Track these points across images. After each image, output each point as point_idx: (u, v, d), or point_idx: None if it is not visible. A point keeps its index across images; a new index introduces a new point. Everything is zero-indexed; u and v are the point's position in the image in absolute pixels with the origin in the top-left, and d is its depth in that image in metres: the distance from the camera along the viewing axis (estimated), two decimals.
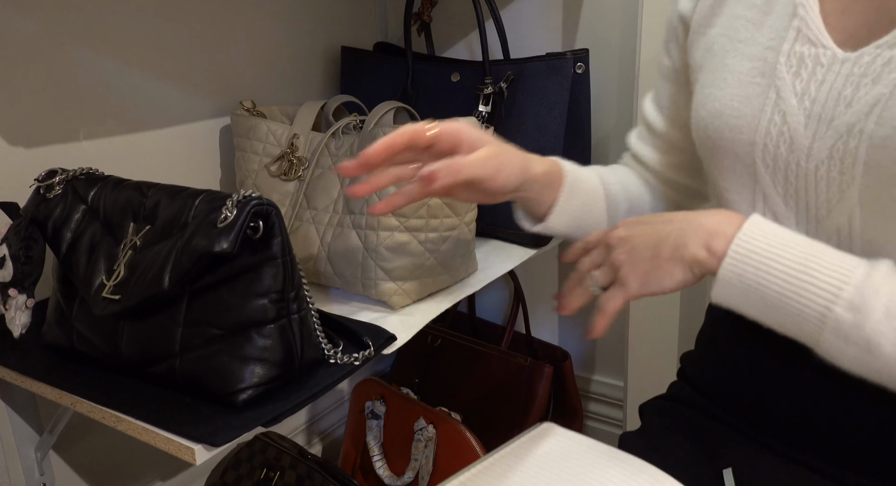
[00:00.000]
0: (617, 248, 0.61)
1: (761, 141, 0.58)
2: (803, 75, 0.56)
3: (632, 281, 0.59)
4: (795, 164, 0.56)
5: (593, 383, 1.58)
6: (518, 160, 0.67)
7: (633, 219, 0.64)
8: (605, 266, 0.62)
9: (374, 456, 1.34)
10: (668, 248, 0.58)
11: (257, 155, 1.11)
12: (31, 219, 0.84)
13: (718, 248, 0.55)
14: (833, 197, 0.55)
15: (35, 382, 0.82)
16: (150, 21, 1.08)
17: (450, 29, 1.45)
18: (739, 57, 0.60)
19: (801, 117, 0.56)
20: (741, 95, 0.59)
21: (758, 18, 0.60)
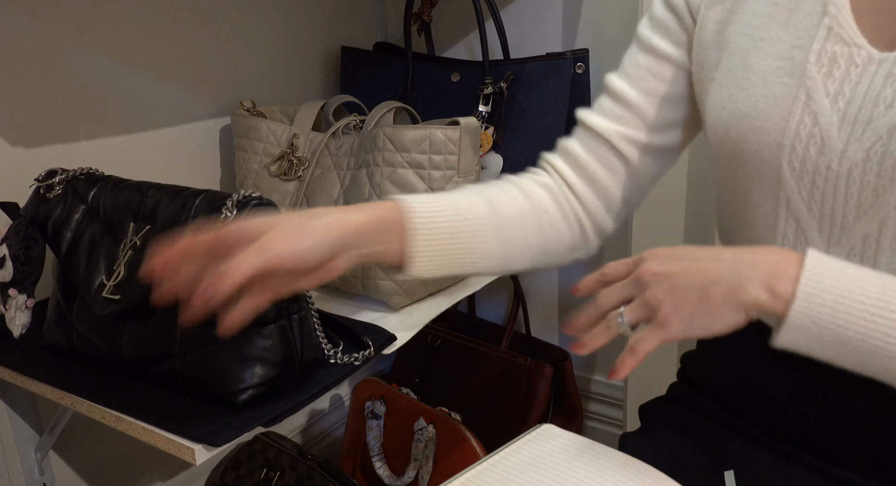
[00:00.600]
0: (653, 285, 0.55)
1: (789, 143, 0.56)
2: (836, 75, 0.54)
3: (675, 323, 0.54)
4: (826, 167, 0.55)
5: (593, 383, 1.58)
6: (324, 221, 0.59)
7: (665, 251, 0.57)
8: (635, 304, 0.56)
9: (374, 456, 1.34)
10: (722, 289, 0.52)
11: (257, 155, 1.11)
12: (31, 219, 0.84)
13: (784, 290, 0.50)
14: (865, 202, 0.54)
15: (35, 382, 0.82)
16: (150, 21, 1.08)
17: (450, 29, 1.45)
18: (763, 56, 0.58)
19: (835, 119, 0.54)
20: (767, 96, 0.57)
21: (782, 16, 0.58)
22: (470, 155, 0.97)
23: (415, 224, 0.63)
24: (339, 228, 0.60)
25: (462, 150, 0.96)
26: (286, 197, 1.08)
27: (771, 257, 0.52)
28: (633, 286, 0.57)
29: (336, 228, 0.60)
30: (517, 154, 1.17)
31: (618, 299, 0.58)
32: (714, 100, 0.62)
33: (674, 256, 0.56)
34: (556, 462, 0.61)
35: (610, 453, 0.62)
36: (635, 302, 0.56)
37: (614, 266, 0.61)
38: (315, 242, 0.58)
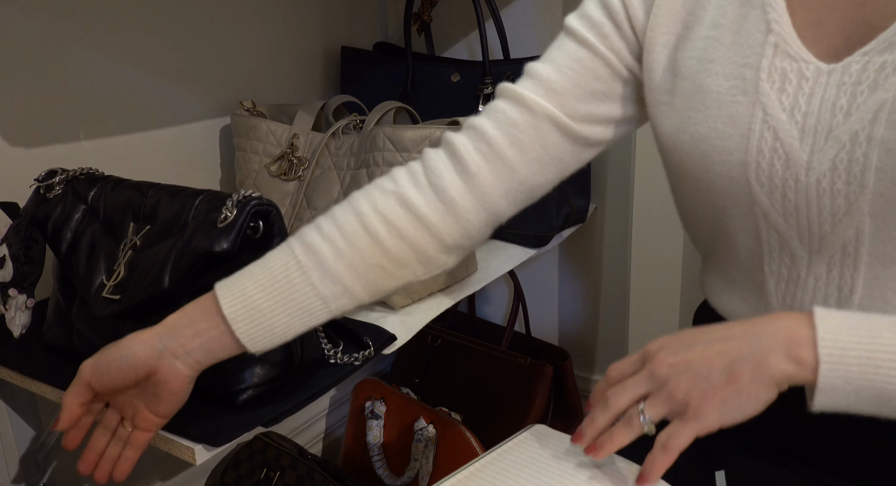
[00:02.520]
0: (672, 377, 0.53)
1: (753, 161, 0.56)
2: (789, 90, 0.55)
3: (710, 412, 0.52)
4: (794, 179, 0.55)
5: (593, 383, 1.58)
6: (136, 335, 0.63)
7: (671, 340, 0.56)
8: (656, 399, 0.54)
9: (374, 456, 1.34)
10: (747, 368, 0.51)
11: (257, 155, 1.11)
12: (31, 219, 0.84)
13: (807, 356, 0.50)
14: (838, 210, 0.54)
15: (35, 382, 0.82)
16: (150, 21, 1.08)
17: (450, 29, 1.45)
18: (714, 77, 0.58)
19: (795, 132, 0.54)
20: (724, 116, 0.57)
21: (726, 37, 0.58)
22: None
23: (227, 305, 0.61)
24: (147, 335, 0.62)
25: None
26: (286, 197, 1.08)
27: (783, 324, 0.52)
28: (649, 382, 0.55)
29: (143, 336, 0.62)
30: None
31: (631, 398, 0.56)
32: (672, 124, 0.61)
33: (683, 343, 0.55)
34: (548, 463, 0.62)
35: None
36: (655, 397, 0.54)
37: (618, 367, 0.59)
38: (120, 353, 0.62)
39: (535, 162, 0.65)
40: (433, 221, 0.64)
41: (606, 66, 0.64)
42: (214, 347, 0.62)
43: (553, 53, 0.66)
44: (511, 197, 0.66)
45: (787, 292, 0.59)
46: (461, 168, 0.64)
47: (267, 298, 0.62)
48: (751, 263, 0.61)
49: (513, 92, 0.65)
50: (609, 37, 0.64)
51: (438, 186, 0.64)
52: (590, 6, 0.65)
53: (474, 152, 0.64)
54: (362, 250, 0.63)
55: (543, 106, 0.64)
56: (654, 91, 0.62)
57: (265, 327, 0.62)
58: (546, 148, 0.65)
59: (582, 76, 0.64)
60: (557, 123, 0.64)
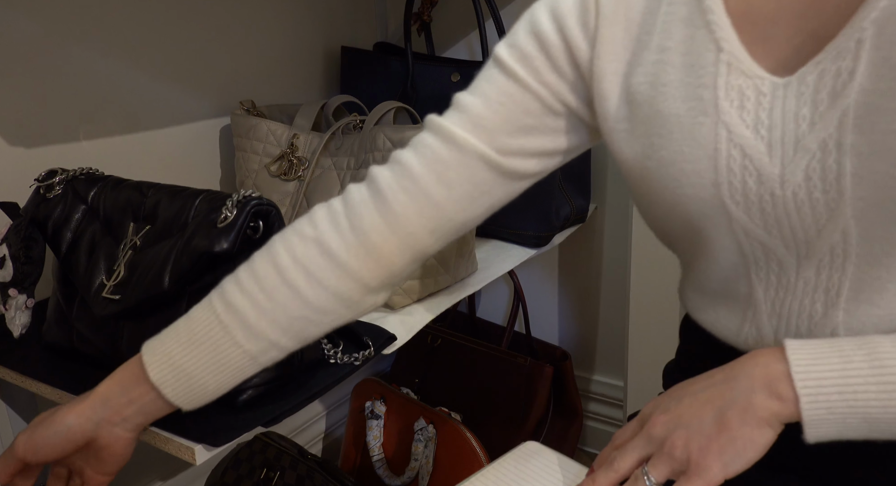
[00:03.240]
0: (666, 434, 0.54)
1: (725, 180, 0.55)
2: (748, 107, 0.54)
3: (710, 465, 0.52)
4: (769, 194, 0.54)
5: (593, 383, 1.58)
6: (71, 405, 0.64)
7: (661, 398, 0.57)
8: (657, 460, 0.54)
9: (374, 456, 1.34)
10: (735, 414, 0.52)
11: (257, 155, 1.11)
12: (31, 219, 0.84)
13: (786, 391, 0.51)
14: (821, 217, 0.53)
15: (35, 382, 0.82)
16: (150, 21, 1.08)
17: (450, 29, 1.45)
18: (671, 100, 0.56)
19: (762, 146, 0.53)
20: (688, 139, 0.55)
21: (675, 59, 0.56)
22: None
23: (154, 371, 0.62)
24: (81, 407, 0.63)
25: None
26: (286, 197, 1.08)
27: (758, 362, 0.53)
28: (647, 443, 0.55)
29: (76, 409, 0.63)
30: None
31: (634, 461, 0.56)
32: (635, 151, 0.60)
33: (672, 398, 0.56)
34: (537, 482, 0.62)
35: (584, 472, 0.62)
36: (657, 458, 0.54)
37: (621, 433, 0.59)
38: (55, 429, 0.63)
39: (463, 198, 0.63)
40: (355, 267, 0.62)
41: (537, 100, 0.62)
42: (150, 410, 0.64)
43: (482, 85, 0.63)
44: (438, 234, 0.64)
45: (776, 298, 0.59)
46: (384, 208, 0.62)
47: (193, 360, 0.62)
48: (737, 275, 0.60)
49: (440, 127, 0.63)
50: (540, 71, 0.61)
51: (360, 229, 0.62)
52: (521, 35, 0.62)
53: (399, 191, 0.62)
54: (284, 305, 0.62)
55: (471, 143, 0.61)
56: (611, 120, 0.61)
57: (195, 388, 0.63)
58: (475, 184, 0.62)
59: (512, 112, 0.62)
60: (486, 159, 0.62)
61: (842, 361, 0.50)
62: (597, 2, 0.59)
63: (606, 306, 1.52)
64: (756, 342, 0.61)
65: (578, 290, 1.54)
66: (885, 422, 0.50)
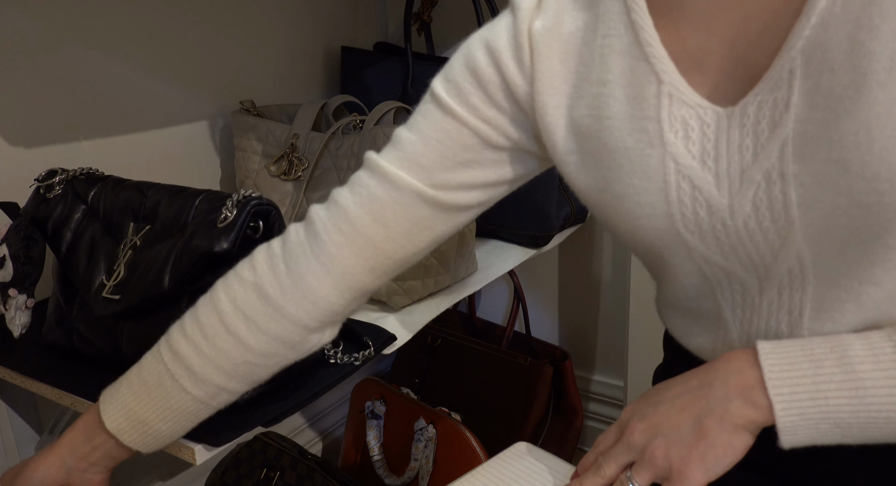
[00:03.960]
0: (645, 442, 0.55)
1: (677, 211, 0.55)
2: (693, 137, 0.53)
3: (692, 471, 0.53)
4: (721, 224, 0.54)
5: (593, 383, 1.58)
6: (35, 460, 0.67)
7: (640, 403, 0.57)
8: (639, 467, 0.55)
9: (374, 456, 1.34)
10: (713, 421, 0.52)
11: (257, 155, 1.11)
12: (31, 219, 0.84)
13: (759, 398, 0.51)
14: (774, 243, 0.53)
15: (35, 382, 0.82)
16: (150, 21, 1.08)
17: (450, 29, 1.45)
18: (617, 133, 0.56)
19: (710, 177, 0.53)
20: (638, 171, 0.55)
21: (617, 92, 0.56)
22: None
23: (109, 420, 0.65)
24: (49, 459, 0.66)
25: None
26: (286, 197, 1.08)
27: (732, 368, 0.53)
28: (628, 450, 0.56)
29: (45, 461, 0.66)
30: None
31: (619, 466, 0.57)
32: (588, 183, 0.59)
33: (649, 403, 0.57)
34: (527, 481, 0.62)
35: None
36: (639, 465, 0.55)
37: (603, 438, 0.60)
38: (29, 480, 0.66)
39: (401, 236, 0.62)
40: (292, 310, 0.62)
41: (475, 136, 0.60)
42: (115, 454, 0.66)
43: (419, 121, 0.62)
44: (378, 272, 0.63)
45: (743, 317, 0.59)
46: (319, 250, 0.61)
47: (147, 408, 0.64)
48: (702, 296, 0.61)
49: (377, 165, 0.61)
50: (477, 107, 0.60)
51: (295, 272, 0.62)
52: (456, 70, 0.61)
53: (334, 232, 0.61)
54: (227, 351, 0.63)
55: (407, 181, 0.60)
56: (560, 152, 0.59)
57: (152, 435, 0.65)
58: (413, 221, 0.62)
59: (450, 148, 0.60)
60: (424, 196, 0.61)
61: (813, 366, 0.51)
62: (530, 37, 0.58)
63: (606, 307, 1.52)
64: None
65: (578, 290, 1.54)
66: (857, 427, 0.50)
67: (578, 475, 0.60)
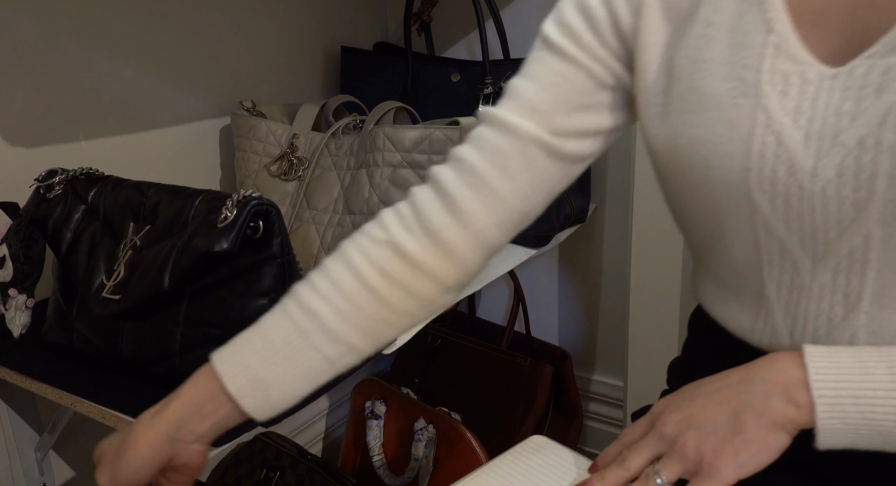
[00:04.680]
0: (679, 434, 0.53)
1: (755, 166, 0.53)
2: (792, 94, 0.52)
3: (725, 465, 0.51)
4: (798, 186, 0.52)
5: (593, 383, 1.58)
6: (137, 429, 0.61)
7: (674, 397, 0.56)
8: (669, 459, 0.53)
9: (374, 456, 1.34)
10: (751, 416, 0.51)
11: (257, 155, 1.11)
12: (31, 219, 0.84)
13: (802, 399, 0.50)
14: (845, 217, 0.52)
15: (35, 382, 0.82)
16: (150, 21, 1.09)
17: (450, 29, 1.45)
18: (711, 78, 0.55)
19: (799, 136, 0.52)
20: (724, 119, 0.54)
21: (721, 35, 0.55)
22: None
23: (231, 382, 0.60)
24: (153, 435, 0.61)
25: None
26: (286, 197, 1.08)
27: (776, 367, 0.52)
28: (658, 442, 0.55)
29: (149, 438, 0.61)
30: None
31: (646, 459, 0.55)
32: (667, 127, 0.58)
33: (684, 397, 0.55)
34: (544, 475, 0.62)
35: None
36: (668, 458, 0.54)
37: (630, 430, 0.58)
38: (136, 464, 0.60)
39: (526, 187, 0.62)
40: (432, 266, 0.62)
41: (590, 77, 0.61)
42: (224, 424, 0.62)
43: (533, 68, 0.62)
44: (505, 227, 0.64)
45: (790, 299, 0.58)
46: (452, 206, 0.61)
47: (270, 368, 0.60)
48: (748, 271, 0.59)
49: (496, 117, 0.62)
50: (590, 47, 0.60)
51: (430, 229, 0.61)
52: (567, 12, 0.61)
53: (463, 187, 0.61)
54: (363, 308, 0.61)
55: (529, 130, 0.61)
56: (647, 93, 0.60)
57: (273, 399, 0.61)
58: (535, 172, 0.62)
59: (566, 92, 0.61)
60: (545, 145, 0.61)
61: (861, 372, 0.50)
62: None
63: (606, 306, 1.52)
64: (770, 342, 0.60)
65: (578, 290, 1.54)
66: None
67: (597, 468, 0.58)
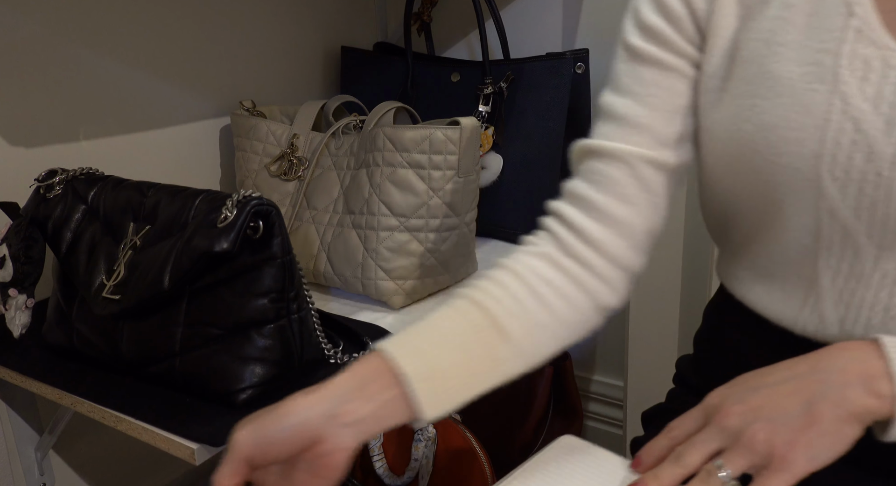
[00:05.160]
0: (745, 426, 0.50)
1: (829, 153, 0.52)
2: (872, 79, 0.51)
3: (797, 457, 0.48)
4: (875, 174, 0.51)
5: (593, 383, 1.58)
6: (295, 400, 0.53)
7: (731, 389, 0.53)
8: (734, 453, 0.50)
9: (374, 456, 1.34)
10: (826, 406, 0.49)
11: (257, 155, 1.11)
12: (31, 219, 0.84)
13: (884, 389, 0.48)
14: None
15: (35, 382, 0.82)
16: (150, 21, 1.08)
17: (450, 29, 1.45)
18: (785, 62, 0.53)
19: (880, 123, 0.50)
20: (797, 104, 0.52)
21: (799, 19, 0.53)
22: (470, 155, 0.97)
23: (407, 364, 0.55)
24: (312, 400, 0.53)
25: (462, 150, 0.96)
26: (286, 197, 1.08)
27: (852, 357, 0.50)
28: (720, 435, 0.51)
29: (307, 401, 0.53)
30: (517, 154, 1.17)
31: (705, 454, 0.52)
32: (731, 112, 0.57)
33: (745, 388, 0.53)
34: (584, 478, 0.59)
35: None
36: (733, 451, 0.50)
37: (680, 423, 0.55)
38: (285, 422, 0.53)
39: (648, 208, 0.62)
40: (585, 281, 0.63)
41: (682, 77, 0.61)
42: (384, 414, 0.56)
43: (625, 82, 0.62)
44: (640, 248, 0.64)
45: (845, 287, 0.57)
46: (587, 240, 0.62)
47: (446, 357, 0.58)
48: (801, 258, 0.58)
49: (601, 150, 0.62)
50: (675, 44, 0.60)
51: (574, 255, 0.63)
52: (645, 12, 0.61)
53: (590, 221, 0.62)
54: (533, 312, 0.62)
55: (635, 152, 0.61)
56: (708, 76, 0.59)
57: (450, 390, 0.57)
58: (652, 191, 0.62)
59: (663, 99, 0.61)
60: (653, 162, 0.61)
61: None
62: None
63: None
64: (816, 330, 0.59)
65: None
66: None
67: (641, 464, 0.56)
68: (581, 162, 0.64)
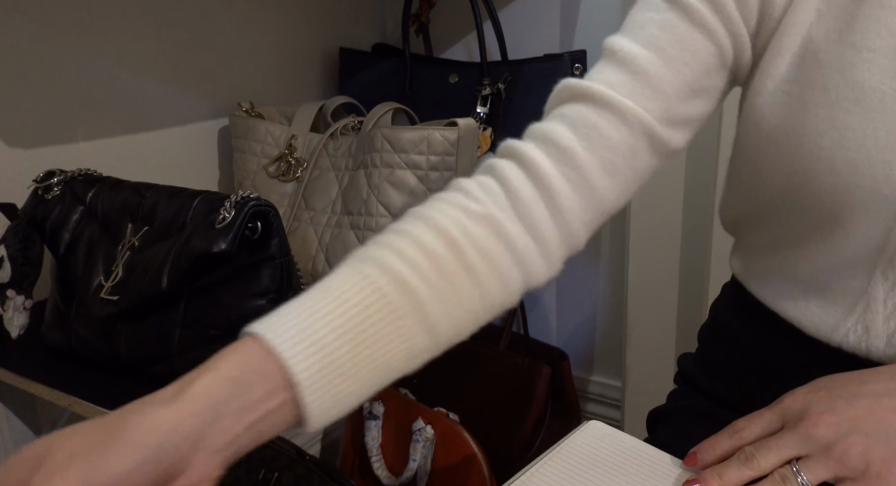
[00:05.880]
0: (838, 438, 0.47)
1: None
2: None
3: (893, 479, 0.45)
4: None
5: (591, 383, 1.58)
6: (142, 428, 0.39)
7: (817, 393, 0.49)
8: (817, 462, 0.47)
9: (373, 457, 1.34)
10: None
11: (255, 156, 1.11)
12: (30, 220, 0.84)
13: None
14: None
15: (33, 383, 0.82)
16: (149, 22, 1.09)
17: (448, 30, 1.45)
18: (876, 72, 0.47)
19: None
20: (890, 122, 0.46)
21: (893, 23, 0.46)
22: (468, 156, 0.97)
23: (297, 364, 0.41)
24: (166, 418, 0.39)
25: (460, 151, 0.96)
26: (284, 198, 1.08)
27: None
28: (802, 443, 0.48)
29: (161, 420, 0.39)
30: None
31: (782, 459, 0.48)
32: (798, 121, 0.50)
33: (836, 395, 0.49)
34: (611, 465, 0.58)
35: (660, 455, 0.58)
36: (817, 461, 0.47)
37: (749, 423, 0.52)
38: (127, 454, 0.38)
39: (621, 185, 0.52)
40: (529, 261, 0.51)
41: (720, 55, 0.51)
42: (264, 428, 0.43)
43: (656, 35, 0.50)
44: (590, 226, 0.53)
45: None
46: (551, 201, 0.50)
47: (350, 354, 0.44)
48: (854, 270, 0.54)
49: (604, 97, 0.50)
50: (732, 20, 0.50)
51: (529, 222, 0.50)
52: None
53: (563, 182, 0.50)
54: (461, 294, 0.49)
55: (643, 119, 0.50)
56: (775, 79, 0.51)
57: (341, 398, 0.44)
58: (636, 169, 0.52)
59: (695, 72, 0.50)
60: (653, 137, 0.51)
61: None
62: None
63: (605, 307, 1.52)
64: (857, 342, 0.55)
65: (577, 290, 1.55)
66: None
67: (698, 461, 0.52)
68: (566, 104, 0.52)
